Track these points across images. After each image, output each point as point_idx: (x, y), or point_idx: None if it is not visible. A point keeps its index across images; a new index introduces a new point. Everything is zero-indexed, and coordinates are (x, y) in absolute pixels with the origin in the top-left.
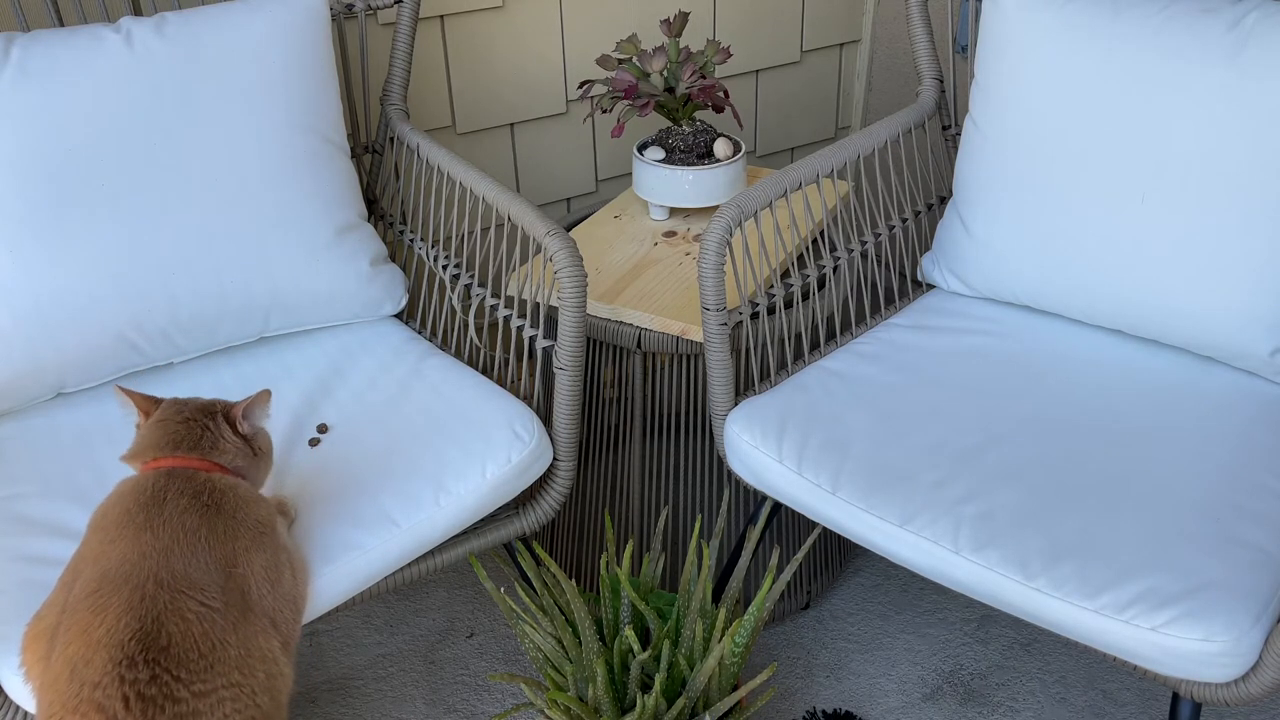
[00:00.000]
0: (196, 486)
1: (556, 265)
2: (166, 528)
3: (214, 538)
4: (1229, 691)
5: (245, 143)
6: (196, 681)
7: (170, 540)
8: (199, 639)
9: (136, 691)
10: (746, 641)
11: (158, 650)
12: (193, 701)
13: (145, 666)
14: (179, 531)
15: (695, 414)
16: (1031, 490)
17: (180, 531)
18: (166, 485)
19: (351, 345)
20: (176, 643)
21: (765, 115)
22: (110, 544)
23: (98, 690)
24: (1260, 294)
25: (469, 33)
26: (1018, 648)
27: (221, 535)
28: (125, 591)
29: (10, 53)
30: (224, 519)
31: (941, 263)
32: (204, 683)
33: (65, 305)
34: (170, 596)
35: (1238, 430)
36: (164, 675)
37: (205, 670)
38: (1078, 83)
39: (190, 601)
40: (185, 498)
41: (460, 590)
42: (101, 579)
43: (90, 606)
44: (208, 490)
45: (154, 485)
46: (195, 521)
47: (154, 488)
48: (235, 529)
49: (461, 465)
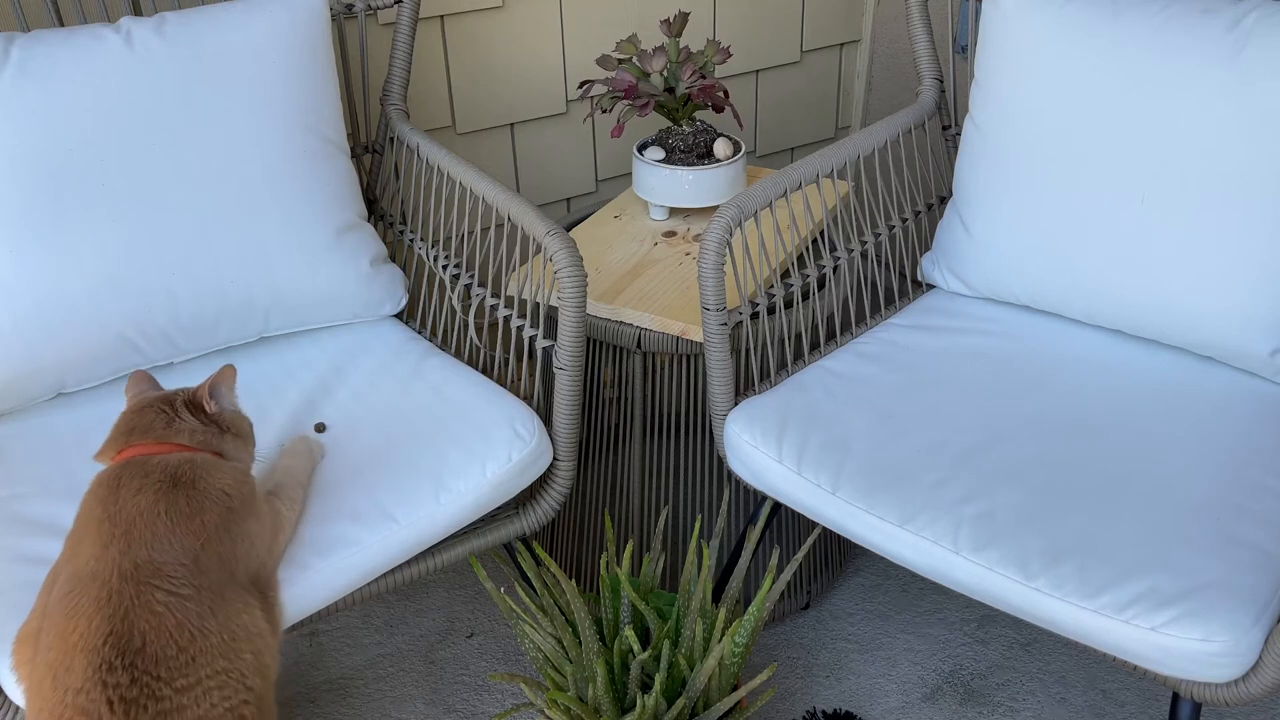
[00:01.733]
0: (149, 468)
1: (556, 265)
2: (124, 515)
3: (175, 514)
4: (1229, 691)
5: (245, 142)
6: (178, 677)
7: (129, 526)
8: (174, 631)
9: (119, 695)
10: (746, 641)
11: (133, 652)
12: (176, 698)
13: (124, 670)
14: (136, 516)
15: (695, 414)
16: (1031, 490)
17: (138, 516)
18: (120, 473)
19: (351, 345)
20: (151, 640)
21: (765, 115)
22: (79, 543)
23: (80, 695)
24: (1260, 294)
25: (469, 33)
26: (1018, 648)
27: (184, 511)
28: (93, 590)
29: (10, 53)
30: (183, 494)
31: (941, 263)
32: (185, 677)
33: (65, 305)
34: (136, 590)
35: (1238, 430)
36: (143, 677)
37: (186, 664)
38: (1077, 83)
39: (157, 593)
40: (138, 480)
41: (460, 590)
42: (73, 579)
43: (65, 610)
44: (160, 469)
45: (110, 477)
46: (151, 502)
47: (110, 479)
48: (200, 502)
49: (461, 464)
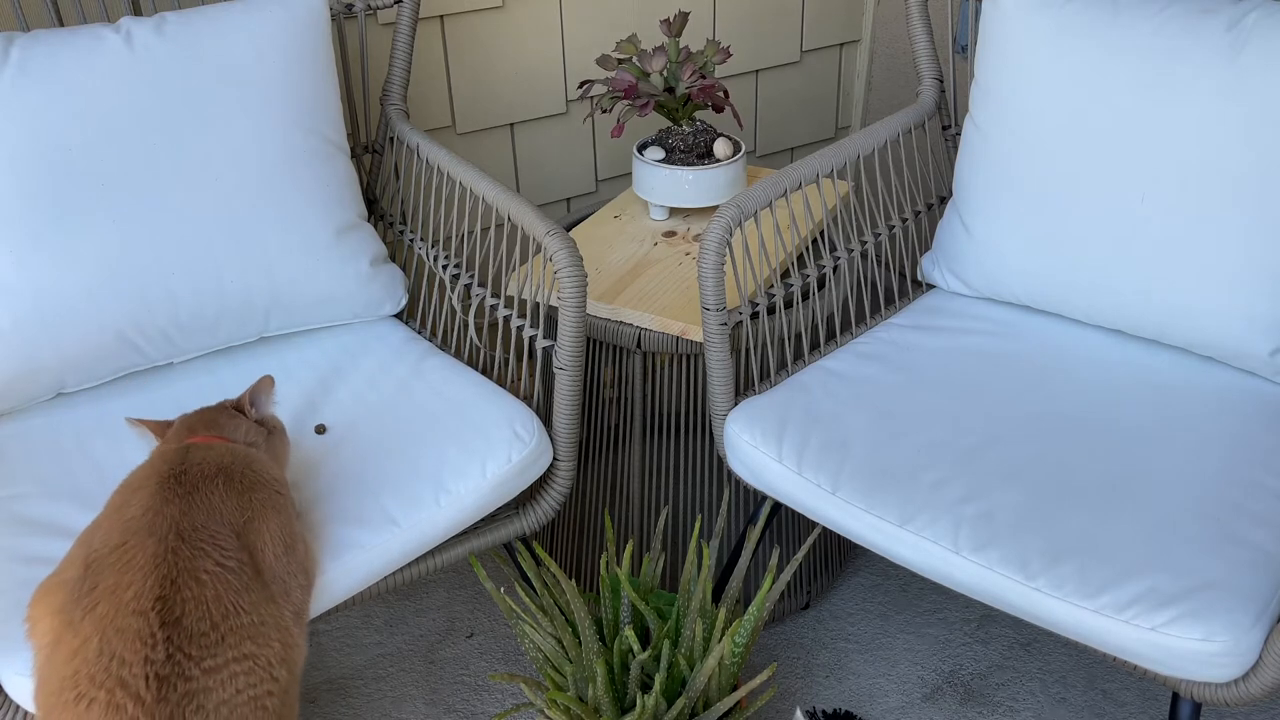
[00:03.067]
0: (216, 453)
1: (556, 265)
2: (188, 478)
3: (230, 497)
4: (1229, 691)
5: (245, 143)
6: (207, 657)
7: (191, 489)
8: (211, 604)
9: (154, 672)
10: (746, 641)
11: (171, 624)
12: (203, 679)
13: (162, 645)
14: (200, 481)
15: (695, 414)
16: (1031, 490)
17: (201, 481)
18: (188, 450)
19: (351, 345)
20: (189, 611)
21: (765, 115)
22: (133, 495)
23: (125, 668)
24: (1260, 294)
25: (469, 33)
26: (1018, 648)
27: (237, 498)
28: (150, 545)
29: (10, 53)
30: (238, 483)
31: (941, 263)
32: (214, 657)
33: (65, 305)
34: (191, 552)
35: (1237, 430)
36: (177, 654)
37: (216, 643)
38: (1078, 82)
39: (207, 560)
40: (203, 453)
41: (460, 590)
42: (125, 530)
43: (117, 562)
44: (227, 456)
45: (176, 452)
46: (212, 480)
47: (176, 452)
48: (250, 493)
49: (462, 464)
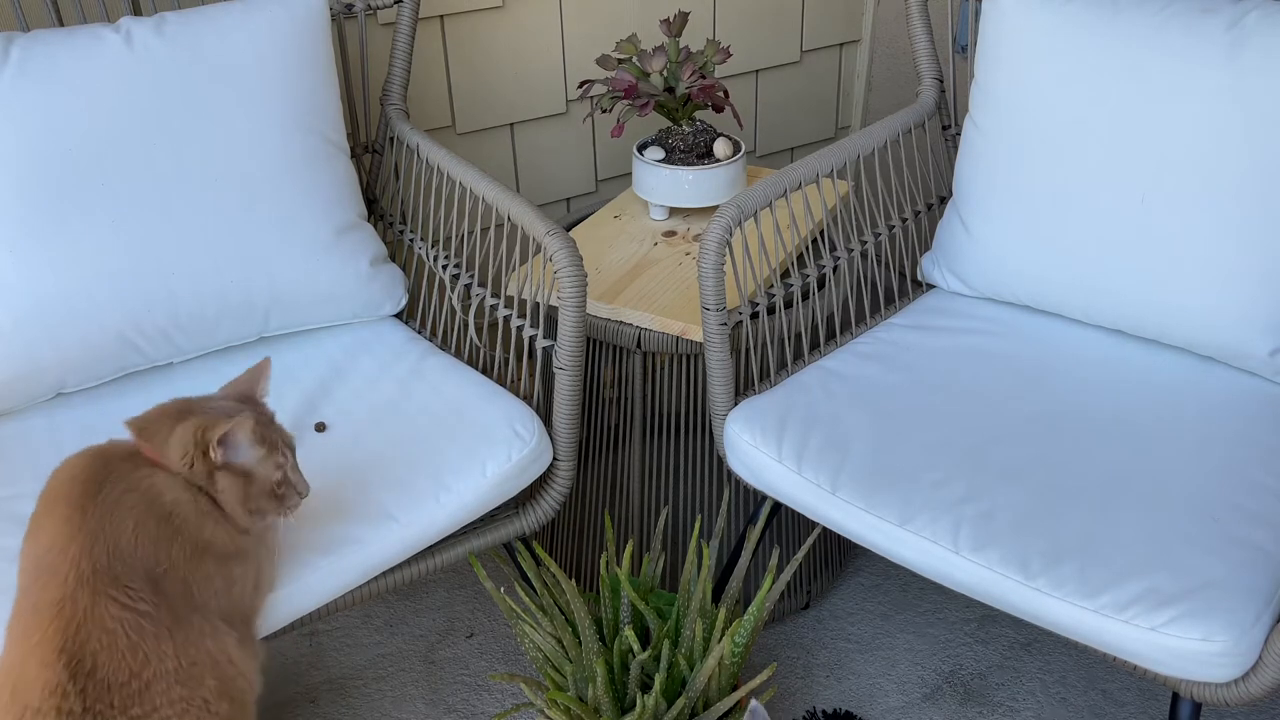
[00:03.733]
0: (139, 480)
1: (556, 265)
2: (96, 512)
3: (143, 536)
4: (1229, 691)
5: (245, 142)
6: (132, 706)
7: (98, 526)
8: (126, 653)
9: None
10: (746, 641)
11: (84, 676)
12: None
13: (76, 697)
14: (106, 519)
15: (695, 414)
16: (1032, 490)
17: (108, 519)
18: (111, 468)
19: (351, 345)
20: (101, 663)
21: (765, 115)
22: (47, 515)
23: (39, 716)
24: (1260, 294)
25: (469, 33)
26: (1018, 648)
27: (153, 536)
28: (52, 587)
29: (10, 53)
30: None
31: (941, 263)
32: (140, 705)
33: (65, 305)
34: (91, 599)
35: (1237, 430)
36: (96, 705)
37: (140, 691)
38: (1077, 82)
39: (111, 605)
40: (124, 485)
41: (460, 590)
42: (37, 564)
43: (26, 602)
44: (149, 488)
45: (100, 464)
46: (125, 513)
47: (99, 466)
48: (171, 536)
49: (461, 463)
